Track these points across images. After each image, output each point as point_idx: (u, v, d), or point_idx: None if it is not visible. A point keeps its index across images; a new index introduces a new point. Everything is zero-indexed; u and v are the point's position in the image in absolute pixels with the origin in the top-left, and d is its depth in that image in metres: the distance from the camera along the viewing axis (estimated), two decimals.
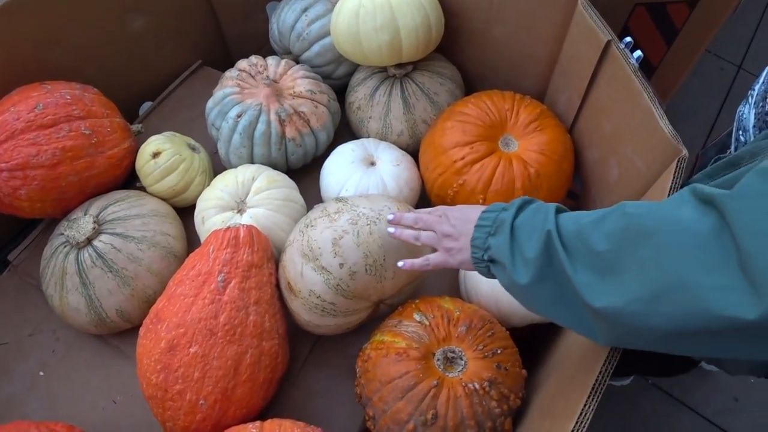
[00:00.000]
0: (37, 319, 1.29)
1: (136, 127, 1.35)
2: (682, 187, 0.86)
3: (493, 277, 0.79)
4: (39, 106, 1.17)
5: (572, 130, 1.27)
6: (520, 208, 0.75)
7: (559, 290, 0.66)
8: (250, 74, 1.29)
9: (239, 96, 1.25)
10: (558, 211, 0.70)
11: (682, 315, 0.53)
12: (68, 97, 1.21)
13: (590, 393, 0.75)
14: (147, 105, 1.53)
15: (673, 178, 0.89)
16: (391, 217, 0.94)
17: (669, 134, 0.93)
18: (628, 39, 1.07)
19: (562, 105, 1.28)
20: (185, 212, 1.29)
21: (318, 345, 1.18)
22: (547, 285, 0.68)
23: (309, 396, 1.14)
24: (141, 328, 1.03)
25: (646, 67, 1.51)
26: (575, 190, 1.32)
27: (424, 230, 0.90)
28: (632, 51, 1.06)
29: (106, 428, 1.12)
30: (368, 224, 0.95)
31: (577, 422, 0.72)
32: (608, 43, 1.06)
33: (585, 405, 0.74)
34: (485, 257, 0.77)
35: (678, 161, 0.90)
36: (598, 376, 0.76)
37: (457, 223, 0.83)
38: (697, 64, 1.68)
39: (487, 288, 1.08)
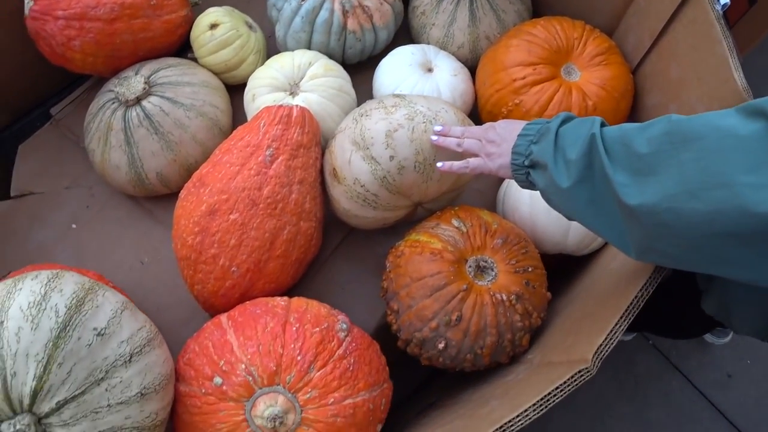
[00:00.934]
0: (75, 174, 1.31)
1: None
2: None
3: (528, 185, 0.82)
4: None
5: (636, 71, 1.24)
6: (565, 120, 0.78)
7: (595, 192, 0.69)
8: None
9: None
10: (602, 124, 0.73)
11: (716, 212, 0.55)
12: None
13: (623, 314, 0.76)
14: None
15: None
16: (439, 128, 0.95)
17: (741, 87, 0.91)
18: None
19: (630, 45, 1.25)
20: (232, 90, 1.29)
21: (349, 238, 1.20)
22: (584, 187, 0.70)
23: (332, 285, 1.16)
24: (182, 191, 1.04)
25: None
26: None
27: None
28: None
29: (131, 286, 1.14)
30: (424, 122, 0.95)
31: (606, 338, 0.73)
32: None
33: (616, 324, 0.75)
34: (525, 163, 0.80)
35: None
36: (633, 300, 0.77)
37: (501, 131, 0.87)
38: (765, 40, 1.62)
39: (526, 210, 1.08)
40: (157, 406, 0.82)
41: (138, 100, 1.13)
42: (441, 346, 0.93)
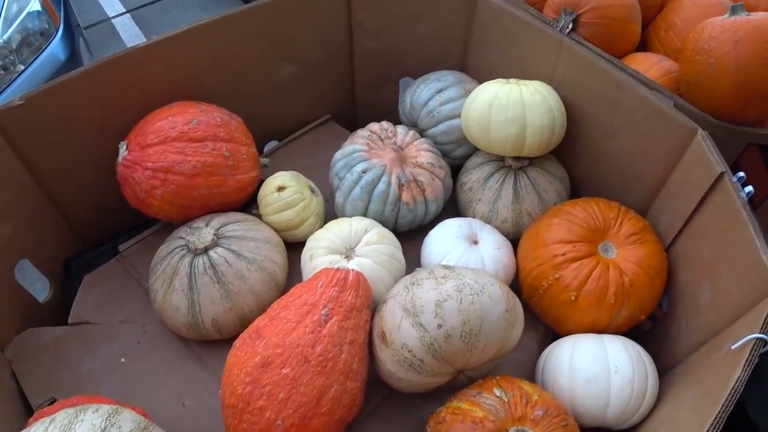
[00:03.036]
0: (131, 310, 1.39)
1: (263, 160, 1.48)
2: None
3: None
4: (193, 121, 1.31)
5: (669, 249, 1.31)
6: None
7: None
8: (379, 137, 1.41)
9: (367, 154, 1.36)
10: None
11: None
12: (218, 120, 1.35)
13: None
14: (272, 144, 1.67)
15: None
16: None
17: None
18: (742, 174, 1.12)
19: (663, 224, 1.33)
20: (288, 247, 1.38)
21: (387, 400, 1.21)
22: None
23: None
24: (237, 340, 1.10)
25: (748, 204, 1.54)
26: (659, 309, 1.34)
27: None
28: (743, 186, 1.11)
29: (171, 427, 1.16)
30: (472, 294, 1.01)
31: None
32: (721, 175, 1.11)
33: None
34: None
35: None
36: None
37: None
38: None
39: (565, 381, 1.11)
40: None
41: (206, 250, 1.23)
42: None
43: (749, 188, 1.11)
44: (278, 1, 1.44)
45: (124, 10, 3.58)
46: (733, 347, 0.95)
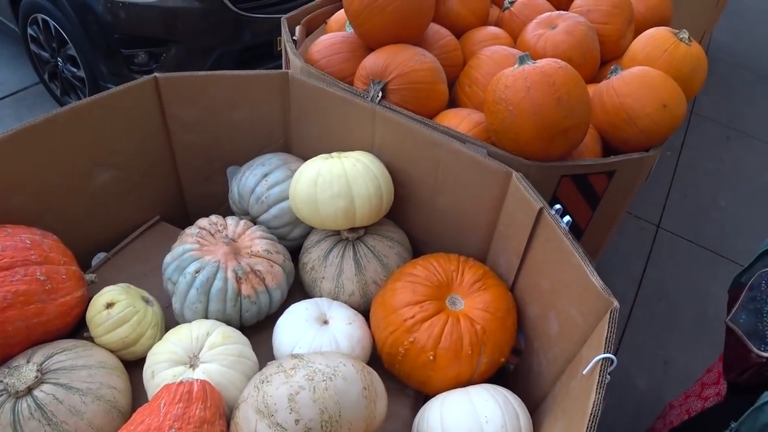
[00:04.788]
0: None
1: (89, 276, 1.36)
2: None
3: None
4: None
5: (513, 288, 1.37)
6: None
7: None
8: (209, 232, 1.35)
9: (198, 252, 1.30)
10: None
11: None
12: (28, 242, 1.22)
13: None
14: (101, 255, 1.55)
15: (608, 327, 0.99)
16: None
17: (600, 288, 1.04)
18: (558, 206, 1.21)
19: (502, 266, 1.39)
20: (132, 366, 1.27)
21: None
22: None
23: None
24: None
25: (575, 231, 1.66)
26: (518, 347, 1.39)
27: None
28: (562, 217, 1.19)
29: None
30: (324, 380, 0.98)
31: None
32: (541, 210, 1.20)
33: None
34: None
35: (611, 312, 1.00)
36: None
37: None
38: (620, 225, 1.87)
39: None
40: None
41: (29, 390, 1.09)
42: None
43: (567, 218, 1.20)
44: (82, 107, 1.36)
45: None
46: (584, 372, 1.00)
